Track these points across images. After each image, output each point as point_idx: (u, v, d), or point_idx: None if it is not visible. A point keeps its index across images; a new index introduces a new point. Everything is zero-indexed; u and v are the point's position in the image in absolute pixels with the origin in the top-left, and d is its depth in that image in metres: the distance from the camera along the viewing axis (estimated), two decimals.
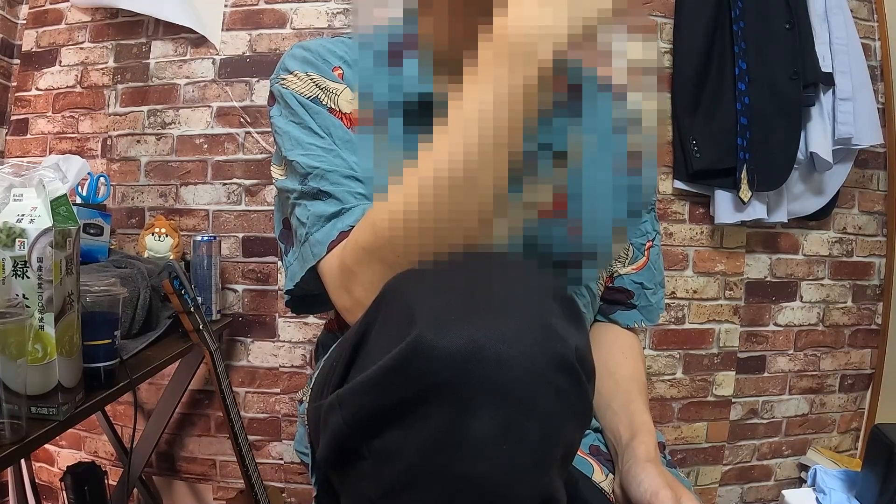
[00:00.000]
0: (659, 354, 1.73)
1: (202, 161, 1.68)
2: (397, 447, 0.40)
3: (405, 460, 0.39)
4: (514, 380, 0.37)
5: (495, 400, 0.37)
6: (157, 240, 1.53)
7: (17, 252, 0.64)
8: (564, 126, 0.60)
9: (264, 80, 1.66)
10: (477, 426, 0.37)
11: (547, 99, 0.47)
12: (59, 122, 1.72)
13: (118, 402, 1.54)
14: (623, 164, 0.59)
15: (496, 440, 0.37)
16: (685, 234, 1.73)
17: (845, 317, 1.83)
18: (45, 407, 0.68)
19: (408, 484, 0.40)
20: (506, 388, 0.37)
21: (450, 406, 0.37)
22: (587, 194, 0.60)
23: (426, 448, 0.38)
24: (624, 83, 0.56)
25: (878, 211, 1.82)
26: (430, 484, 0.39)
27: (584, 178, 0.60)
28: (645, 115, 0.58)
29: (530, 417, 0.38)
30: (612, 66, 0.54)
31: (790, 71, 1.58)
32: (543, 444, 0.39)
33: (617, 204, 0.61)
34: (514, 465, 0.38)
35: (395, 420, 0.40)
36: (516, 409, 0.37)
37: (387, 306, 0.44)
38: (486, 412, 0.37)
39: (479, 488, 0.38)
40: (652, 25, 1.61)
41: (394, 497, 0.40)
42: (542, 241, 0.57)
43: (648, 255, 0.81)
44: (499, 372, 0.37)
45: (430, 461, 0.38)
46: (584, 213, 0.60)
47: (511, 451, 0.38)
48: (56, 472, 1.71)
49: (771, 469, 1.82)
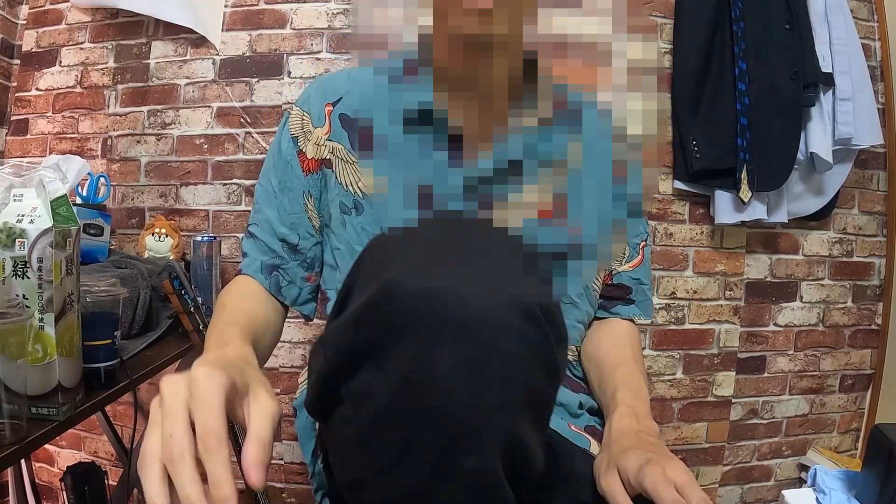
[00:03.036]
0: (659, 355, 1.73)
1: (202, 161, 1.68)
2: (372, 387, 0.42)
3: (379, 400, 0.42)
4: (477, 319, 0.39)
5: (459, 338, 0.39)
6: (157, 240, 1.53)
7: (17, 252, 0.64)
8: (564, 138, 0.66)
9: (264, 80, 1.66)
10: (442, 363, 0.39)
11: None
12: (59, 123, 1.72)
13: (118, 403, 1.54)
14: (621, 169, 0.63)
15: (460, 377, 0.39)
16: (685, 235, 1.73)
17: (845, 317, 1.83)
18: (45, 407, 0.68)
19: (382, 425, 0.42)
20: (470, 327, 0.39)
21: (417, 343, 0.40)
22: (586, 197, 0.64)
23: (396, 387, 0.41)
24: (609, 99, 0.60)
25: (878, 211, 1.82)
26: (402, 423, 0.41)
27: (583, 182, 0.64)
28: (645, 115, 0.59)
29: (493, 357, 0.40)
30: (613, 66, 0.55)
31: (790, 71, 1.58)
32: (506, 384, 0.40)
33: (617, 206, 0.64)
34: (477, 402, 0.40)
35: (370, 359, 0.42)
36: (479, 347, 0.39)
37: (367, 261, 0.47)
38: (451, 350, 0.39)
39: (446, 426, 0.40)
40: (652, 25, 1.63)
41: (372, 439, 0.43)
42: (541, 241, 0.59)
43: (643, 254, 0.85)
44: (464, 311, 0.39)
45: (400, 399, 0.41)
46: (583, 216, 0.63)
47: (474, 388, 0.39)
48: (56, 472, 1.71)
49: (771, 469, 1.82)
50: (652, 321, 1.72)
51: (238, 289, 0.79)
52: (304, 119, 0.80)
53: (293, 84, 1.66)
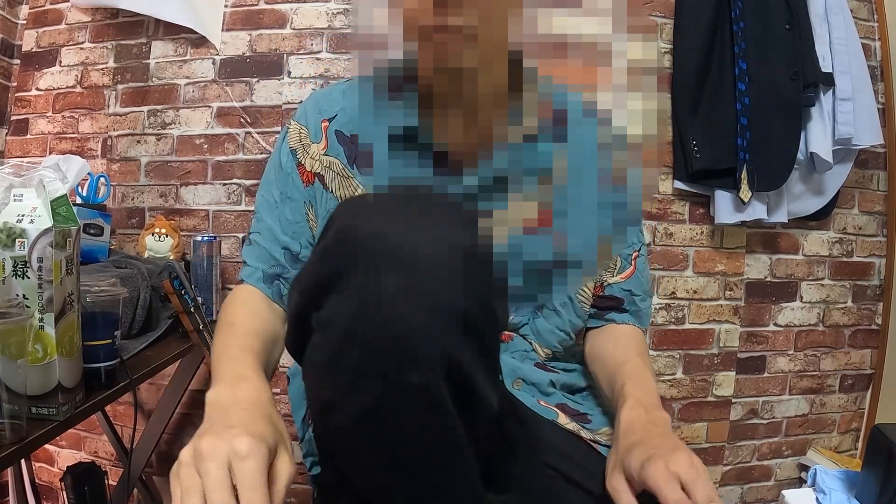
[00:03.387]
0: (659, 355, 1.73)
1: (202, 161, 1.68)
2: (335, 314, 0.48)
3: (339, 325, 0.47)
4: (420, 254, 0.46)
5: (402, 267, 0.46)
6: (157, 240, 1.53)
7: (17, 252, 0.64)
8: (549, 149, 0.70)
9: (264, 80, 1.66)
10: (387, 289, 0.46)
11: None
12: (60, 123, 1.73)
13: (118, 402, 1.54)
14: (609, 180, 0.68)
15: (401, 300, 0.45)
16: (685, 235, 1.73)
17: (845, 317, 1.83)
18: (45, 407, 0.68)
19: (343, 348, 0.47)
20: (412, 259, 0.46)
21: (368, 272, 0.46)
22: (574, 209, 0.69)
23: (352, 312, 0.47)
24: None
25: (878, 211, 1.82)
26: (357, 344, 0.47)
27: (568, 194, 0.69)
28: (645, 115, 0.60)
29: (430, 283, 0.46)
30: (613, 66, 0.55)
31: (790, 71, 1.58)
32: (441, 308, 0.46)
33: (607, 218, 0.69)
34: (418, 322, 0.45)
35: (332, 289, 0.48)
36: (418, 276, 0.46)
37: (335, 216, 0.53)
38: (395, 277, 0.46)
39: (393, 345, 0.46)
40: (652, 25, 1.63)
41: (335, 362, 0.48)
42: (526, 251, 0.65)
43: (635, 265, 0.85)
44: (407, 248, 0.46)
45: (355, 324, 0.47)
46: (568, 227, 0.68)
47: (414, 310, 0.45)
48: (56, 472, 1.71)
49: (771, 469, 1.82)
50: (652, 321, 1.72)
51: (243, 302, 0.79)
52: (301, 133, 0.82)
53: (293, 84, 1.66)
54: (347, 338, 0.47)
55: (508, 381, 0.75)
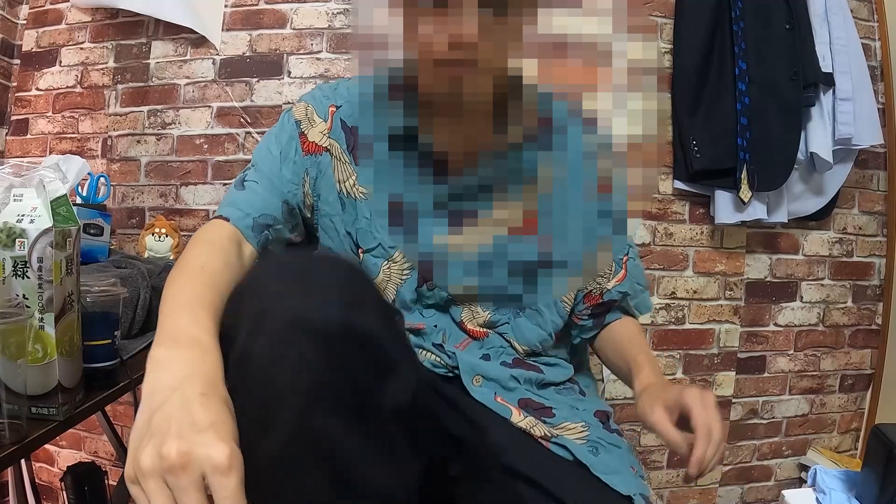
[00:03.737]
0: (659, 354, 1.73)
1: (202, 161, 1.68)
2: (227, 362, 0.53)
3: (229, 376, 0.52)
4: (282, 321, 0.51)
5: (272, 332, 0.50)
6: (157, 240, 1.53)
7: (17, 252, 0.64)
8: (535, 157, 0.73)
9: (264, 80, 1.66)
10: (257, 347, 0.50)
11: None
12: (60, 123, 1.73)
13: (118, 402, 1.54)
14: (594, 188, 0.72)
15: (268, 360, 0.50)
16: (685, 235, 1.73)
17: (845, 317, 1.83)
18: (45, 407, 0.68)
19: (233, 387, 0.52)
20: (283, 327, 0.50)
21: (247, 331, 0.51)
22: (558, 215, 0.73)
23: (235, 361, 0.52)
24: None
25: (878, 211, 1.82)
26: (239, 396, 0.51)
27: (554, 200, 0.73)
28: (644, 115, 0.60)
29: (291, 353, 0.49)
30: (613, 66, 0.56)
31: (790, 71, 1.58)
32: (294, 375, 0.49)
33: (598, 226, 0.73)
34: (278, 384, 0.49)
35: (232, 338, 0.53)
36: (282, 341, 0.50)
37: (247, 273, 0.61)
38: (264, 338, 0.50)
39: (260, 399, 0.50)
40: (652, 25, 1.63)
41: (233, 395, 0.51)
42: (511, 255, 0.68)
43: (626, 268, 0.89)
44: (277, 314, 0.51)
45: (236, 371, 0.52)
46: (553, 231, 0.73)
47: (276, 372, 0.49)
48: (56, 472, 1.71)
49: (771, 469, 1.82)
50: (652, 321, 1.72)
51: (221, 249, 0.72)
52: (308, 109, 0.83)
53: (293, 84, 1.66)
54: (234, 388, 0.51)
55: (468, 378, 0.77)
